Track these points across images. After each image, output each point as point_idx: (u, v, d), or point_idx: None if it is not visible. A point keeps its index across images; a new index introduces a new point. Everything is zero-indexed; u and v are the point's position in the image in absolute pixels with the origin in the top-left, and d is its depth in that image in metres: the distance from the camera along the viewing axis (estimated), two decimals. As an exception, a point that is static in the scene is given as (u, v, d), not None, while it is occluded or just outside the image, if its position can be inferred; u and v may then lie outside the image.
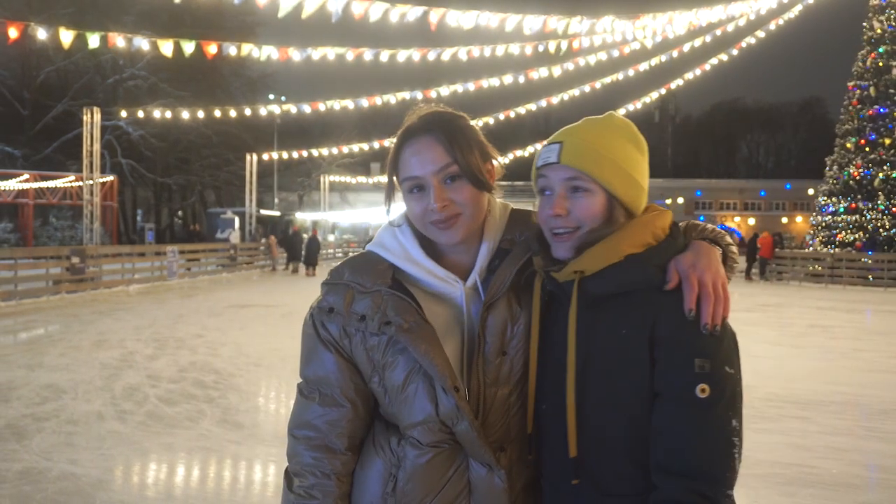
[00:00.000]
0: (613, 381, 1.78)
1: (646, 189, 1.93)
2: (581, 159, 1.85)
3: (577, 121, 1.98)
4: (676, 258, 1.81)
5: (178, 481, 6.61)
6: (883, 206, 32.89)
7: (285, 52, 20.74)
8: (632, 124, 1.95)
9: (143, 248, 34.45)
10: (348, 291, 1.93)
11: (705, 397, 1.70)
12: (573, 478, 1.82)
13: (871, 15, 35.27)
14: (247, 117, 37.43)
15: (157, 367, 11.32)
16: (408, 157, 1.89)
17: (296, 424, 1.98)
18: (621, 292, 1.81)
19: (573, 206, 1.85)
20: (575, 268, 1.83)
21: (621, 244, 1.82)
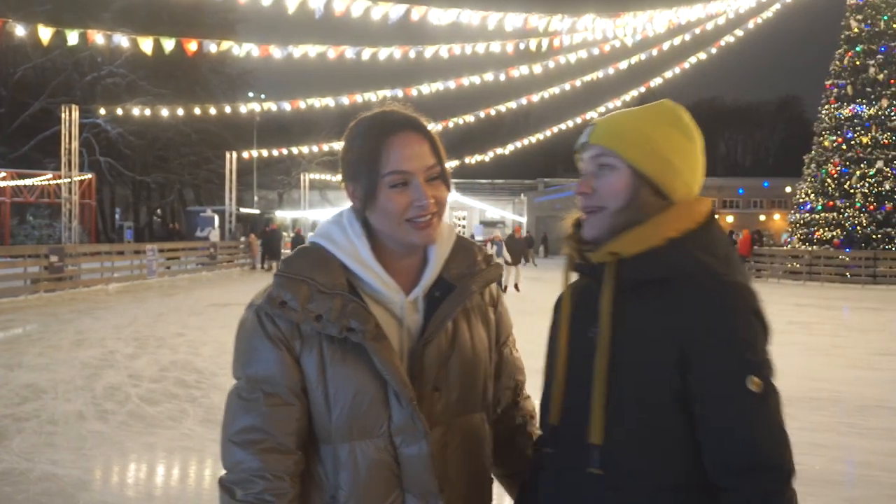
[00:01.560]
0: (642, 373, 1.73)
1: (686, 173, 1.86)
2: (608, 137, 1.85)
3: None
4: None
5: (161, 481, 6.58)
6: (860, 203, 33.20)
7: (266, 50, 20.68)
8: (682, 110, 1.91)
9: (122, 246, 34.27)
10: (304, 287, 1.82)
11: (759, 391, 1.68)
12: (592, 467, 1.75)
13: (849, 14, 35.57)
14: (226, 115, 37.30)
15: (138, 366, 11.25)
16: (394, 151, 1.82)
17: (237, 430, 1.83)
18: (657, 279, 1.77)
19: (598, 184, 1.84)
20: (611, 249, 1.80)
21: (662, 228, 1.78)
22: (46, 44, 19.50)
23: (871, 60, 34.39)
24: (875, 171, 33.27)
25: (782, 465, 1.68)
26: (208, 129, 52.52)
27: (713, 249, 1.80)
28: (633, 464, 1.74)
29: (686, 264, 1.76)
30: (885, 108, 33.77)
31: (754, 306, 1.76)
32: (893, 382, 10.90)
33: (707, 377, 1.69)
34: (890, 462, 7.16)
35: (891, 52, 34.20)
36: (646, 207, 1.81)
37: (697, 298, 1.72)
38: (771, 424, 1.70)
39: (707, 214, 1.85)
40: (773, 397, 1.71)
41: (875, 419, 8.76)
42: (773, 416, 1.70)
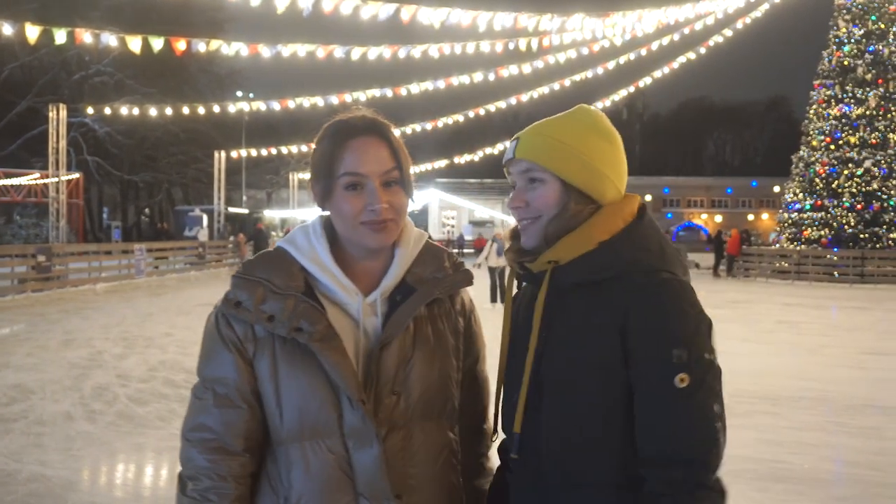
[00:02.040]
0: (580, 369, 1.80)
1: (612, 176, 1.92)
2: (533, 151, 1.90)
3: (546, 118, 2.01)
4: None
5: (150, 482, 6.56)
6: (848, 203, 33.31)
7: (255, 49, 20.63)
8: (599, 114, 1.98)
9: (109, 246, 34.14)
10: (259, 288, 1.85)
11: (684, 386, 1.72)
12: (515, 452, 1.86)
13: (837, 14, 35.69)
14: (215, 114, 37.23)
15: (126, 366, 11.21)
16: (350, 154, 1.85)
17: (190, 427, 1.88)
18: (593, 281, 1.83)
19: (530, 197, 1.90)
20: (549, 257, 1.87)
21: (593, 232, 1.85)
22: (34, 42, 19.39)
23: (860, 61, 34.52)
24: (863, 170, 33.38)
25: (695, 459, 1.71)
26: (197, 129, 52.37)
27: (645, 244, 1.86)
28: (582, 462, 1.81)
29: (618, 263, 1.82)
30: (872, 107, 33.89)
31: (688, 299, 1.79)
32: (881, 381, 10.94)
33: (640, 373, 1.76)
34: (877, 461, 7.18)
35: (878, 53, 34.34)
36: (577, 214, 1.88)
37: (630, 296, 1.78)
38: (693, 420, 1.73)
39: (635, 212, 1.92)
40: (701, 392, 1.73)
41: (863, 418, 8.79)
42: (699, 412, 1.73)
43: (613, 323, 1.77)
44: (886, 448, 7.61)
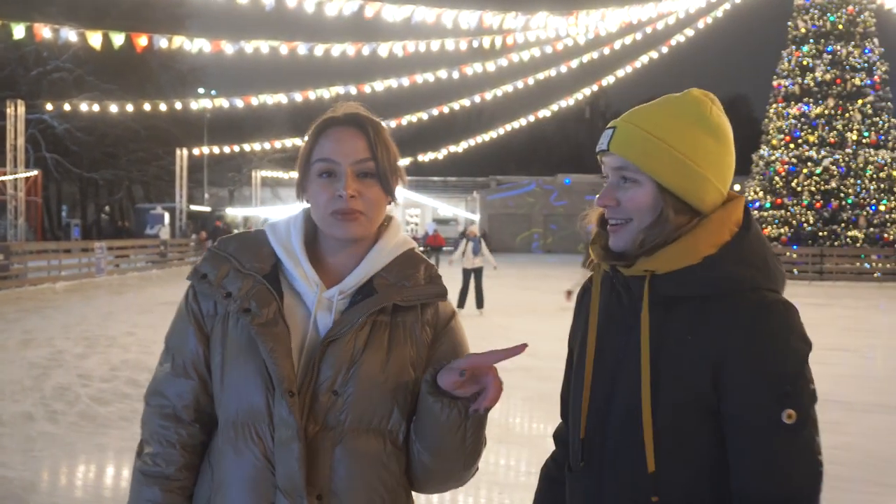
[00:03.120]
0: (674, 394, 1.69)
1: (715, 179, 1.76)
2: (628, 147, 1.74)
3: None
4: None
5: (112, 482, 6.47)
6: (807, 201, 33.76)
7: (218, 45, 20.45)
8: (708, 104, 1.79)
9: (69, 244, 33.70)
10: (226, 265, 1.88)
11: (792, 423, 1.63)
12: (652, 494, 1.70)
13: (796, 14, 36.16)
14: (176, 111, 36.87)
15: (87, 366, 11.07)
16: (327, 142, 1.86)
17: (150, 392, 1.94)
18: (692, 296, 1.71)
19: (622, 197, 1.76)
20: (646, 266, 1.73)
21: (699, 245, 1.71)
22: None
23: (818, 60, 34.99)
24: (822, 169, 33.86)
25: (802, 497, 1.65)
26: (158, 126, 51.80)
27: (751, 260, 1.73)
28: (675, 486, 1.71)
29: (722, 281, 1.70)
30: (831, 107, 34.38)
31: (794, 327, 1.69)
32: (841, 377, 11.10)
33: (741, 405, 1.66)
34: (839, 455, 7.27)
35: (837, 53, 34.82)
36: (675, 223, 1.73)
37: (734, 320, 1.67)
38: (801, 457, 1.65)
39: (741, 220, 1.77)
40: (807, 429, 1.65)
41: (824, 413, 8.67)
42: (805, 448, 1.65)
43: (713, 347, 1.66)
44: (847, 443, 7.71)
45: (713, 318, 1.67)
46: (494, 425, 8.21)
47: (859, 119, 34.20)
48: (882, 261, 31.68)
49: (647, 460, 1.68)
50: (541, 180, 66.04)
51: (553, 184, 64.89)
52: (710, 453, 1.70)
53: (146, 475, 1.87)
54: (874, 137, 34.14)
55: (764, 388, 1.64)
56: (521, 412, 9.05)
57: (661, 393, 1.69)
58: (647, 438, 1.68)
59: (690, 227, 1.73)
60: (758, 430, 1.64)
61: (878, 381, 10.94)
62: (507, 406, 9.22)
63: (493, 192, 66.88)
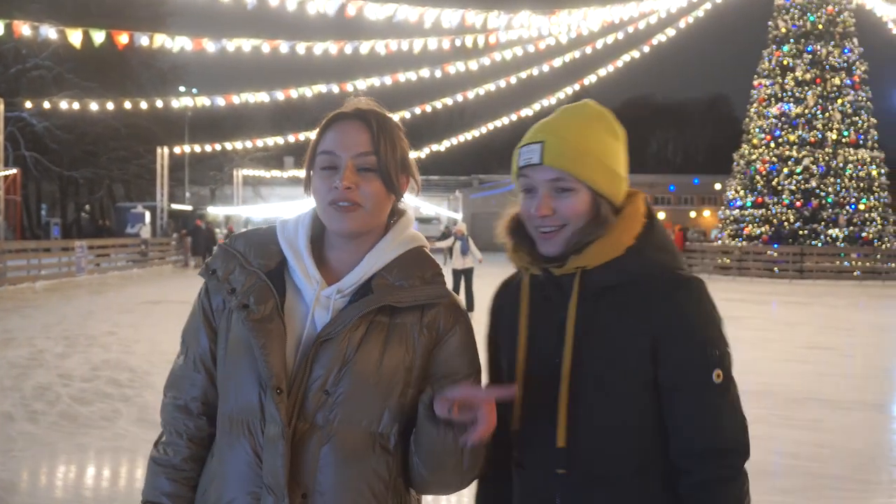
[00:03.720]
0: (612, 370, 1.85)
1: (624, 175, 1.96)
2: (563, 159, 1.88)
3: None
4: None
5: (95, 483, 6.43)
6: (787, 200, 33.98)
7: (199, 44, 20.35)
8: (607, 112, 2.00)
9: (49, 243, 33.45)
10: (233, 261, 1.91)
11: (721, 381, 1.84)
12: (561, 468, 1.88)
13: (777, 14, 36.39)
14: (157, 110, 36.69)
15: (68, 365, 10.99)
16: (331, 135, 1.87)
17: (167, 384, 2.00)
18: (620, 283, 1.88)
19: (558, 206, 1.89)
20: (577, 264, 1.88)
21: (622, 238, 1.89)
22: (-30, 35, 18.93)
23: (798, 60, 35.21)
24: (802, 168, 34.08)
25: (739, 448, 1.85)
26: (138, 124, 51.48)
27: (663, 245, 1.94)
28: (612, 453, 1.88)
29: (645, 266, 1.89)
30: (811, 106, 34.62)
31: (710, 298, 1.90)
32: (822, 375, 11.19)
33: (677, 371, 1.85)
34: (820, 453, 7.34)
35: (816, 53, 35.04)
36: (605, 220, 1.90)
37: (662, 297, 1.86)
38: (732, 412, 1.86)
39: (647, 211, 1.96)
40: (732, 386, 1.88)
41: (804, 411, 8.98)
42: (734, 404, 1.87)
43: (646, 324, 1.84)
44: (828, 440, 7.78)
45: (643, 299, 1.86)
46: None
47: (839, 118, 34.46)
48: (861, 259, 31.95)
49: (558, 435, 1.86)
50: (523, 179, 66.12)
51: (535, 183, 65.00)
52: (642, 426, 1.87)
53: (156, 463, 1.95)
54: (854, 137, 34.42)
55: (695, 354, 1.84)
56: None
57: (595, 374, 1.85)
58: (561, 413, 1.85)
59: (611, 224, 1.90)
60: (694, 392, 1.84)
61: (858, 379, 11.01)
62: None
63: (475, 190, 66.98)
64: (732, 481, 1.84)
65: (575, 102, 2.04)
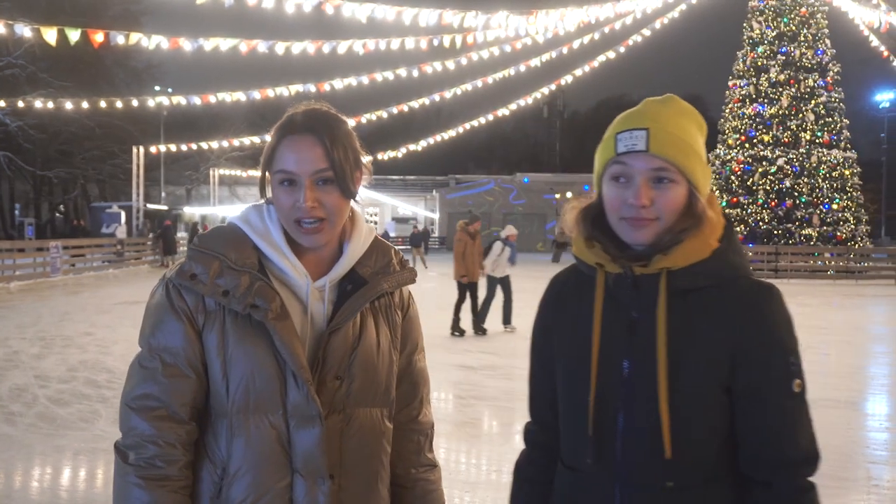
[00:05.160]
0: (695, 375, 1.81)
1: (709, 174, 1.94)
2: (671, 149, 1.81)
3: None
4: None
5: (75, 485, 6.39)
6: (762, 200, 34.23)
7: (176, 42, 20.23)
8: (694, 109, 1.94)
9: (23, 243, 33.13)
10: (215, 262, 1.90)
11: (800, 392, 1.82)
12: (667, 480, 1.81)
13: (751, 16, 36.66)
14: (132, 109, 36.41)
15: (45, 366, 10.91)
16: (286, 152, 1.89)
17: (134, 396, 1.90)
18: (702, 286, 1.83)
19: (657, 197, 1.81)
20: (663, 264, 1.82)
21: (709, 240, 1.84)
22: (-58, 33, 18.72)
23: (773, 61, 35.50)
24: (776, 168, 34.35)
25: (814, 458, 1.83)
26: (113, 124, 51.11)
27: (741, 249, 1.91)
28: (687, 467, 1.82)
29: (728, 270, 1.85)
30: (785, 107, 34.90)
31: (787, 307, 1.87)
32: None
33: (757, 379, 1.81)
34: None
35: (790, 54, 35.34)
36: (700, 218, 1.84)
37: (747, 303, 1.82)
38: (808, 423, 1.84)
39: (723, 214, 1.92)
40: (806, 396, 1.85)
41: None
42: (809, 415, 1.85)
43: (729, 330, 1.80)
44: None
45: (728, 304, 1.82)
46: (460, 423, 8.22)
47: (812, 119, 34.75)
48: (835, 259, 32.23)
49: (664, 447, 1.78)
50: (500, 179, 66.18)
51: (512, 182, 65.06)
52: (722, 432, 1.83)
53: (146, 479, 1.85)
54: (827, 137, 34.73)
55: (777, 362, 1.81)
56: (486, 410, 9.07)
57: (681, 380, 1.80)
58: (664, 425, 1.78)
59: (703, 222, 1.84)
60: (774, 401, 1.81)
61: (834, 377, 11.11)
62: (471, 404, 9.25)
63: (452, 190, 66.91)
64: (811, 492, 1.81)
65: (660, 96, 1.95)
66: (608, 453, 1.85)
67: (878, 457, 7.51)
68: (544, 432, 2.07)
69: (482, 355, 12.43)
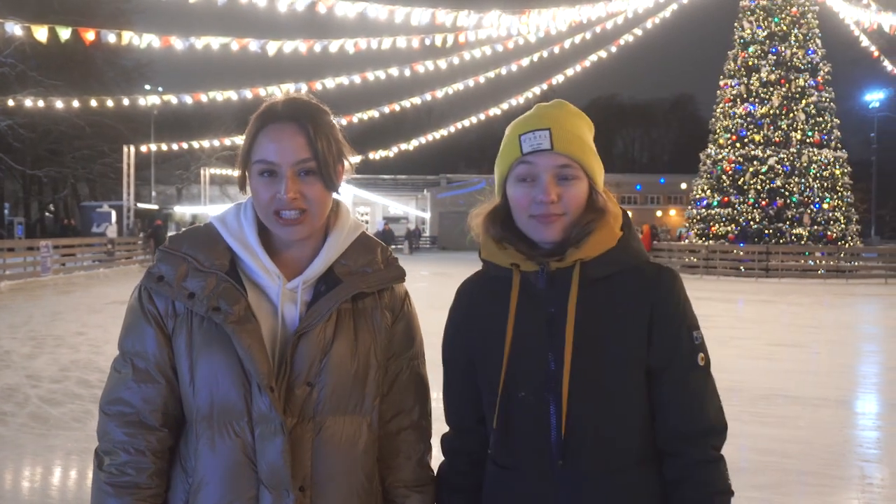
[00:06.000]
0: (613, 360, 1.88)
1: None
2: (572, 147, 1.91)
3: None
4: None
5: (67, 485, 6.37)
6: (753, 199, 34.32)
7: (167, 41, 20.18)
8: (582, 112, 2.05)
9: (12, 242, 33.00)
10: (183, 264, 1.85)
11: (704, 364, 1.93)
12: (558, 459, 1.87)
13: (742, 16, 36.74)
14: (123, 108, 36.27)
15: (36, 366, 10.87)
16: (266, 141, 1.83)
17: (108, 400, 1.88)
18: (612, 274, 1.92)
19: (563, 192, 1.90)
20: (577, 256, 1.89)
21: (614, 230, 1.94)
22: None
23: (763, 61, 35.58)
24: (767, 167, 34.44)
25: (722, 428, 1.92)
26: (103, 123, 50.85)
27: (638, 238, 2.02)
28: (617, 448, 1.90)
29: (633, 257, 1.96)
30: (776, 106, 34.98)
31: (684, 287, 1.99)
32: (790, 372, 11.32)
33: (667, 355, 1.90)
34: (792, 449, 7.43)
35: (781, 54, 35.43)
36: (602, 211, 1.95)
37: (653, 286, 1.93)
38: (713, 394, 1.95)
39: (619, 205, 2.01)
40: (710, 368, 1.96)
41: (773, 408, 9.08)
42: (714, 387, 1.96)
43: (640, 312, 1.89)
44: (797, 436, 7.88)
45: (635, 286, 1.92)
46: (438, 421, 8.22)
47: (803, 119, 34.85)
48: (825, 258, 32.34)
49: (561, 427, 1.85)
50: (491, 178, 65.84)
51: (503, 182, 65.14)
52: (648, 414, 1.92)
53: (116, 486, 1.83)
54: (818, 137, 34.82)
55: (684, 338, 1.92)
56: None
57: (605, 364, 1.88)
58: (564, 405, 1.85)
59: (605, 215, 1.94)
60: (682, 375, 1.91)
61: (825, 376, 11.16)
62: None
63: (443, 190, 66.97)
64: (720, 461, 1.90)
65: (548, 102, 2.04)
66: (543, 444, 1.89)
67: (870, 455, 7.53)
68: (462, 438, 2.12)
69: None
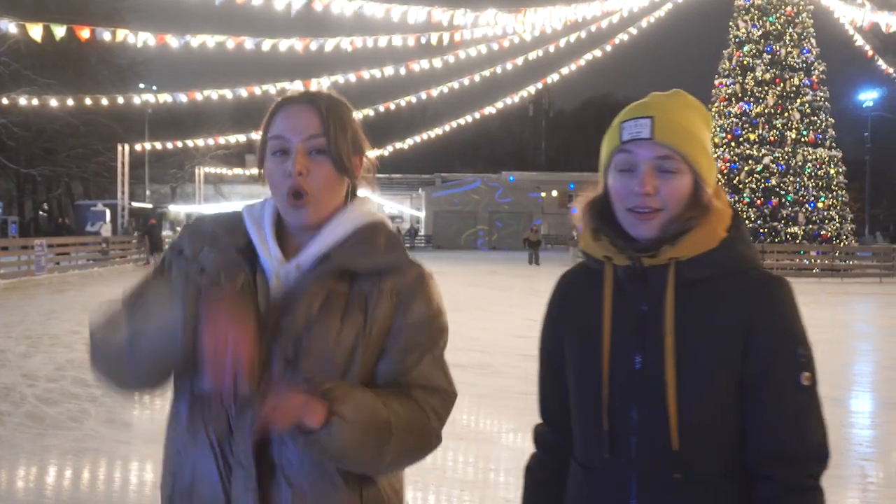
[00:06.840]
0: (706, 367, 1.77)
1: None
2: (675, 137, 1.80)
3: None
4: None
5: (64, 485, 6.34)
6: (748, 198, 34.39)
7: (162, 39, 20.13)
8: (701, 104, 1.93)
9: (7, 241, 32.97)
10: (201, 240, 1.90)
11: (809, 385, 1.77)
12: (674, 472, 1.77)
13: (737, 15, 36.81)
14: (117, 107, 36.19)
15: (32, 365, 10.84)
16: (281, 119, 1.86)
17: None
18: (712, 277, 1.81)
19: (662, 186, 1.79)
20: (672, 254, 1.79)
21: (717, 230, 1.81)
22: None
23: (758, 60, 35.65)
24: (762, 167, 34.51)
25: (822, 455, 1.78)
26: (97, 121, 50.75)
27: (749, 241, 1.88)
28: (710, 456, 1.79)
29: (737, 261, 1.82)
30: (771, 106, 35.05)
31: (796, 300, 1.84)
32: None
33: (765, 370, 1.77)
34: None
35: (776, 53, 35.50)
36: (705, 208, 1.82)
37: (756, 293, 1.80)
38: (817, 417, 1.79)
39: (730, 205, 1.89)
40: (817, 391, 1.80)
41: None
42: (818, 409, 1.79)
43: (739, 320, 1.77)
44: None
45: (737, 294, 1.79)
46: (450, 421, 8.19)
47: (798, 118, 34.93)
48: (820, 257, 32.41)
49: (671, 439, 1.75)
50: (486, 177, 66.33)
51: (498, 181, 65.18)
52: (735, 426, 1.79)
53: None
54: (812, 136, 34.91)
55: (786, 353, 1.77)
56: (477, 409, 9.06)
57: (692, 372, 1.76)
58: (671, 418, 1.75)
59: (709, 213, 1.82)
60: (781, 392, 1.77)
61: (822, 375, 10.99)
62: (463, 403, 9.23)
63: (438, 189, 66.98)
64: (816, 491, 1.77)
65: (666, 91, 1.95)
66: (623, 448, 1.81)
67: (868, 453, 7.54)
68: (553, 433, 2.04)
69: (473, 353, 12.41)
